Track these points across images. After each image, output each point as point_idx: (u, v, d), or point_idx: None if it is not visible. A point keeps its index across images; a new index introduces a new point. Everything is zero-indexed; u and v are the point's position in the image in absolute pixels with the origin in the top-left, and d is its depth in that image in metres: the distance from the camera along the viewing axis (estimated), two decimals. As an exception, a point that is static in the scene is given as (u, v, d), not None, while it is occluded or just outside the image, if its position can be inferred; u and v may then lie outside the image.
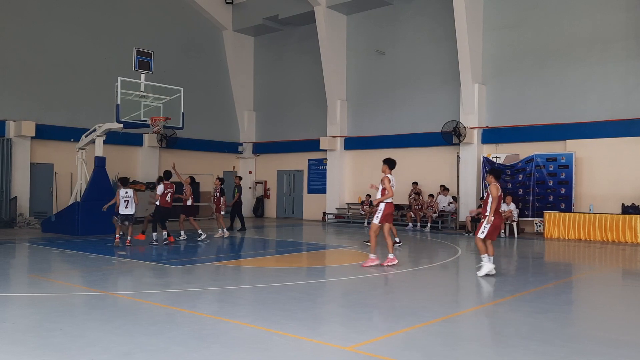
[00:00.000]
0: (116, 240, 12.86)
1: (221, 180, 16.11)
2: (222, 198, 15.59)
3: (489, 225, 9.00)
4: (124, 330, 5.53)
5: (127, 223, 12.92)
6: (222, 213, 15.55)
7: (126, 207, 12.81)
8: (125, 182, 13.23)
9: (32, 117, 19.08)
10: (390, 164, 10.41)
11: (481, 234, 9.07)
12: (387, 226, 10.10)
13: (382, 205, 10.00)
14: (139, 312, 6.47)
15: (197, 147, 24.45)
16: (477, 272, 9.15)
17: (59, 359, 4.68)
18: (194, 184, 16.06)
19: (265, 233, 15.99)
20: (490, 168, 9.48)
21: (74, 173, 18.54)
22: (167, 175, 13.91)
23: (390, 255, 9.98)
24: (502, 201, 9.01)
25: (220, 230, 15.41)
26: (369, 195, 21.11)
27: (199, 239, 14.09)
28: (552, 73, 17.90)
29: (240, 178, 18.06)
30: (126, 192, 12.86)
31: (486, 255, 9.08)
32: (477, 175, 18.85)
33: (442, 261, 11.28)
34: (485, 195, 9.48)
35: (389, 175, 10.18)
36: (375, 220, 10.00)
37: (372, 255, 9.95)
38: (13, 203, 18.30)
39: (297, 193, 25.43)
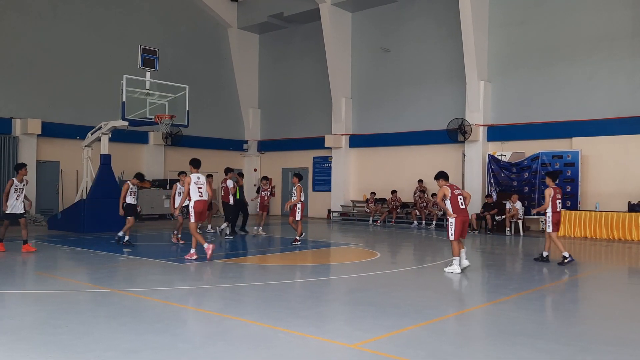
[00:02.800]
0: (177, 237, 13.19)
1: (268, 179, 16.56)
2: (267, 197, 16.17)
3: (454, 225, 9.34)
4: (130, 328, 5.55)
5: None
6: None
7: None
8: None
9: (38, 114, 19.16)
10: (194, 163, 10.78)
11: (451, 236, 9.36)
12: (195, 224, 10.42)
13: (191, 204, 10.32)
14: (145, 309, 6.49)
15: (202, 145, 24.48)
16: (446, 269, 9.45)
17: (65, 355, 4.70)
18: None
19: (270, 231, 15.99)
20: (438, 172, 9.87)
21: (79, 171, 18.60)
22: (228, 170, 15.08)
23: (192, 250, 10.38)
24: (457, 199, 9.43)
25: (256, 228, 15.74)
26: (373, 193, 21.11)
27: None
28: (558, 70, 17.83)
29: (242, 176, 17.69)
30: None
31: (459, 257, 9.36)
32: (483, 173, 18.80)
33: (447, 259, 11.26)
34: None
35: (191, 176, 10.45)
36: (192, 220, 10.34)
37: (192, 250, 10.36)
38: (19, 200, 18.35)
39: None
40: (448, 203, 9.50)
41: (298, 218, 12.93)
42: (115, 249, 11.82)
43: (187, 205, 10.51)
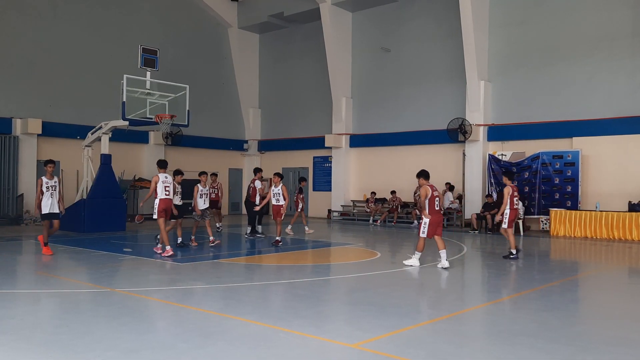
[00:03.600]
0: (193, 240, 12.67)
1: (303, 179, 16.99)
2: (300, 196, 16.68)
3: (427, 225, 9.67)
4: (130, 327, 5.56)
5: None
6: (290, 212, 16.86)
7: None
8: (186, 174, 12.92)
9: (38, 114, 19.17)
10: (161, 164, 11.44)
11: (423, 234, 9.72)
12: (162, 220, 10.87)
13: (156, 201, 10.88)
14: (145, 309, 6.50)
15: (202, 145, 24.50)
16: (405, 262, 9.92)
17: (66, 355, 4.70)
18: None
19: (270, 230, 15.99)
20: (419, 171, 10.08)
21: (80, 170, 18.61)
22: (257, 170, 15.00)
23: (159, 245, 11.03)
24: (435, 200, 9.79)
25: (288, 227, 16.06)
26: (374, 193, 21.12)
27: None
28: (558, 70, 17.83)
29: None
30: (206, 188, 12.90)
31: (421, 253, 9.84)
32: (483, 173, 18.80)
33: (447, 259, 11.24)
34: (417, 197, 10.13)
35: (159, 175, 11.09)
36: (155, 216, 10.90)
37: (168, 247, 10.78)
38: (20, 200, 18.39)
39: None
40: (427, 202, 9.78)
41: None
42: (116, 249, 11.82)
43: (206, 209, 11.81)
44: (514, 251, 10.95)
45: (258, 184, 14.81)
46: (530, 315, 6.36)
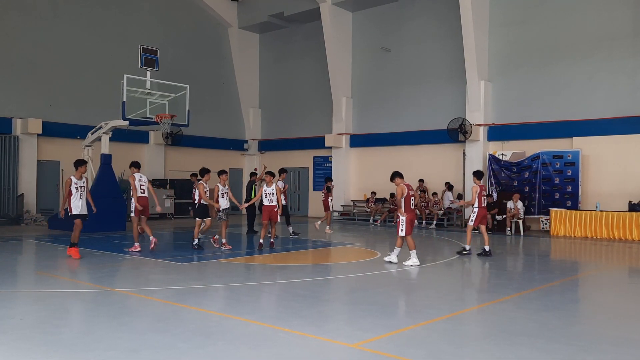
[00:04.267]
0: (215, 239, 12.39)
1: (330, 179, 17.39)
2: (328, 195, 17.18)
3: (405, 223, 9.89)
4: (131, 327, 5.56)
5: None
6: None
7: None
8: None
9: (38, 114, 19.17)
10: (135, 164, 11.65)
11: (402, 232, 9.92)
12: (143, 218, 11.43)
13: (134, 200, 11.24)
14: (145, 308, 6.50)
15: (202, 145, 24.51)
16: (386, 258, 10.22)
17: (66, 355, 4.71)
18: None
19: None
20: (393, 172, 10.31)
21: (80, 170, 18.58)
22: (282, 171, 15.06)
23: (136, 244, 11.32)
24: (410, 199, 10.06)
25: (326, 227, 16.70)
26: (374, 193, 21.12)
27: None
28: (559, 70, 17.82)
29: (256, 174, 17.39)
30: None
31: (400, 249, 10.08)
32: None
33: (447, 259, 11.26)
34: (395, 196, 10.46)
35: (135, 175, 11.36)
36: (132, 214, 11.32)
37: (136, 243, 11.28)
38: (20, 200, 18.39)
39: (302, 190, 25.45)
40: (403, 201, 9.97)
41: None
42: (116, 249, 11.82)
43: (227, 208, 11.90)
44: (467, 247, 11.45)
45: (280, 184, 14.90)
46: (530, 315, 6.36)
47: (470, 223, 11.50)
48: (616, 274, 10.14)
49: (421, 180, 20.03)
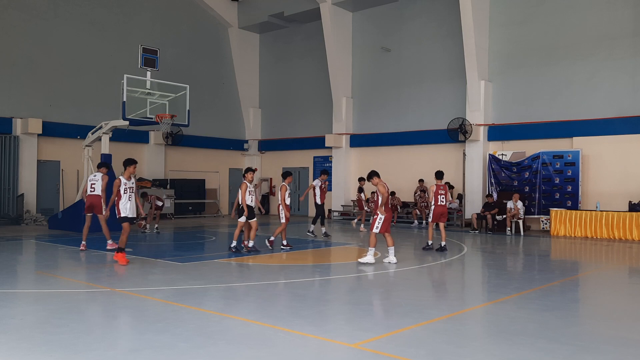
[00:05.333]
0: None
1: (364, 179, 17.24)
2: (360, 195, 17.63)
3: (382, 220, 10.08)
4: (131, 327, 5.56)
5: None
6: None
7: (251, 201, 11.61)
8: None
9: (38, 114, 19.18)
10: (104, 165, 12.07)
11: (376, 229, 10.11)
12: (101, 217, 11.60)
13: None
14: (145, 308, 6.50)
15: (202, 145, 24.51)
16: (361, 259, 10.16)
17: (66, 355, 4.70)
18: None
19: (270, 230, 15.99)
20: (370, 172, 10.40)
21: (80, 170, 18.62)
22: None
23: (109, 241, 11.57)
24: (389, 199, 10.25)
25: (360, 225, 17.34)
26: (374, 193, 21.09)
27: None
28: (559, 70, 17.82)
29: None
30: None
31: (374, 249, 10.15)
32: (483, 173, 18.81)
33: (447, 259, 11.26)
34: (375, 195, 10.48)
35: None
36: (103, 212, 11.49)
37: (110, 241, 11.57)
38: (20, 200, 18.39)
39: (302, 190, 25.41)
40: (381, 199, 10.11)
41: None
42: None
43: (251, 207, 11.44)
44: (430, 242, 12.18)
45: (317, 182, 15.12)
46: (530, 315, 6.36)
47: (429, 220, 12.28)
48: (616, 274, 10.14)
49: (421, 180, 20.02)
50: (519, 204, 16.68)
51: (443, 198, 12.04)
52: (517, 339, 5.31)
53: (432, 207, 12.05)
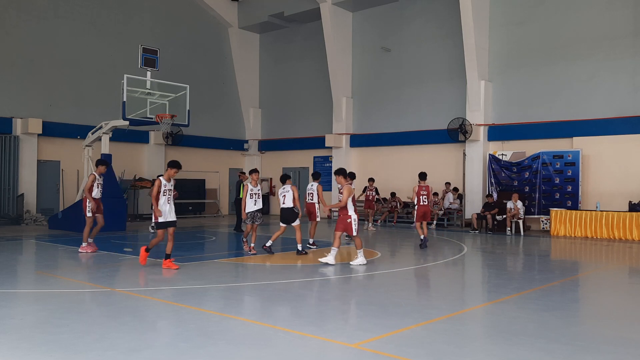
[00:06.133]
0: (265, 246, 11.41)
1: (373, 179, 17.90)
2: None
3: (357, 221, 9.95)
4: (131, 327, 5.56)
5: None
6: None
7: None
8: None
9: (38, 114, 19.18)
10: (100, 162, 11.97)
11: (355, 232, 9.92)
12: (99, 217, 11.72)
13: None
14: (146, 308, 6.50)
15: (202, 145, 24.51)
16: (352, 263, 9.97)
17: (66, 355, 4.70)
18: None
19: (271, 230, 15.99)
20: (337, 169, 10.30)
21: (80, 170, 18.61)
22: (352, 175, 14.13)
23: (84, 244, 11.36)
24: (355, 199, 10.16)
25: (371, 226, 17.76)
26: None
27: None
28: (559, 70, 17.82)
29: (244, 173, 17.49)
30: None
31: (362, 250, 10.02)
32: (483, 173, 18.80)
33: (447, 259, 11.26)
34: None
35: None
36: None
37: (84, 244, 11.34)
38: (20, 200, 18.40)
39: (302, 190, 25.37)
40: (350, 200, 9.99)
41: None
42: (116, 249, 11.81)
43: (259, 210, 11.32)
44: (422, 237, 12.60)
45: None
46: (530, 315, 6.36)
47: (414, 220, 13.02)
48: (616, 274, 10.13)
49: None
50: (519, 204, 16.68)
51: (425, 198, 12.73)
52: (517, 339, 5.31)
53: (416, 206, 12.72)
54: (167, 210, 9.27)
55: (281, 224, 11.34)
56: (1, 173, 18.43)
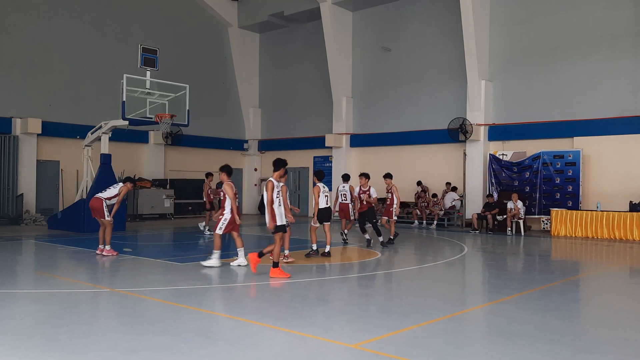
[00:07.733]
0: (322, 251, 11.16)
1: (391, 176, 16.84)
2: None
3: (227, 221, 9.53)
4: (130, 327, 5.55)
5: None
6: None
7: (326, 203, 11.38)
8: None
9: (38, 114, 19.16)
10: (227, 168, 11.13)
11: (219, 230, 9.51)
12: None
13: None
14: (145, 309, 6.49)
15: (202, 145, 24.49)
16: (205, 263, 9.47)
17: (66, 355, 4.69)
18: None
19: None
20: (222, 165, 9.91)
21: (80, 170, 18.60)
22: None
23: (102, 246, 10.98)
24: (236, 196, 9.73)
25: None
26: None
27: None
28: (560, 69, 17.81)
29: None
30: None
31: (220, 251, 9.50)
32: (484, 173, 18.79)
33: (448, 259, 11.25)
34: (223, 195, 9.78)
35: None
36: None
37: (105, 247, 10.88)
38: (19, 200, 18.39)
39: (302, 190, 25.42)
40: (228, 200, 9.60)
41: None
42: (116, 249, 11.79)
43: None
44: (391, 237, 13.20)
45: (356, 189, 14.53)
46: (530, 315, 6.35)
47: (394, 217, 13.70)
48: (617, 274, 10.13)
49: (419, 183, 20.04)
50: (519, 203, 16.67)
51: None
52: (517, 339, 5.30)
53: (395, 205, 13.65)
54: (281, 212, 8.66)
55: (322, 223, 11.43)
56: (1, 173, 18.40)
